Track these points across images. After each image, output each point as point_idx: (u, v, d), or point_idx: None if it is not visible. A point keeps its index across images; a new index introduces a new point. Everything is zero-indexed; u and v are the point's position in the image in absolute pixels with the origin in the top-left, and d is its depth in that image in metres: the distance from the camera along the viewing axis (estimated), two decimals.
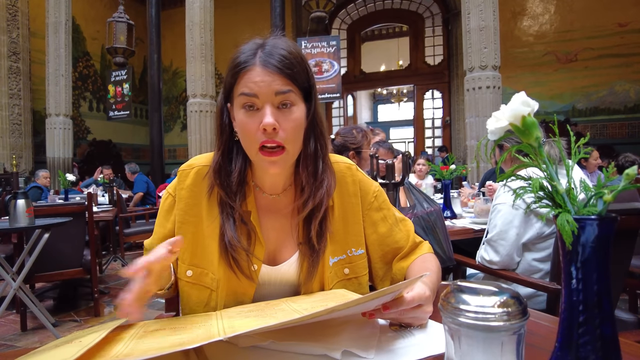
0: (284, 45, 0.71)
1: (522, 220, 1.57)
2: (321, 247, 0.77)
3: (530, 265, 1.62)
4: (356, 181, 0.85)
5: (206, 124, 6.98)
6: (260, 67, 0.68)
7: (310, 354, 0.58)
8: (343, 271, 0.81)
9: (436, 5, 10.35)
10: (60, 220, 2.55)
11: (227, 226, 0.75)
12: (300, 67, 0.71)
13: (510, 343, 0.40)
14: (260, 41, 0.73)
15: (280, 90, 0.68)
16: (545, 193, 0.45)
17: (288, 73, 0.69)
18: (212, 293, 0.77)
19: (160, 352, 0.48)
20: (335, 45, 6.45)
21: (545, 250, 1.60)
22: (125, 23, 7.93)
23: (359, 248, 0.83)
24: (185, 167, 0.82)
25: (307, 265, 0.77)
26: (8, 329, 2.76)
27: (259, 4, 9.79)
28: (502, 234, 1.59)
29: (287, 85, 0.69)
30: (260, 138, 0.69)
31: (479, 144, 0.51)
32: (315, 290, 0.80)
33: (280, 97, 0.69)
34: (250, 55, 0.70)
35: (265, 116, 0.67)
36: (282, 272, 0.79)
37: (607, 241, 0.41)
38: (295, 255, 0.79)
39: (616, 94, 8.31)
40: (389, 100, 15.34)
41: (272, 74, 0.68)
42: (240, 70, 0.70)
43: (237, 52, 0.73)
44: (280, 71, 0.68)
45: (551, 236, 1.57)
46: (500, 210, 1.62)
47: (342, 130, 2.34)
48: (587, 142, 0.46)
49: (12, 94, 7.82)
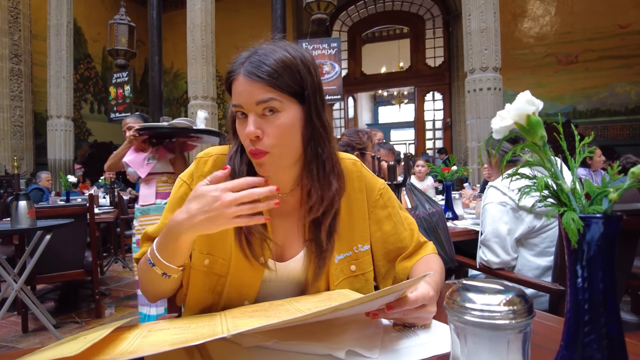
0: (272, 52, 0.71)
1: (511, 216, 1.59)
2: (329, 247, 0.78)
3: (528, 261, 1.63)
4: (362, 177, 0.86)
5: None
6: (243, 77, 0.70)
7: (314, 353, 0.58)
8: (349, 268, 0.81)
9: (437, 7, 10.36)
10: (62, 221, 2.55)
11: None
12: (289, 72, 0.70)
13: (517, 341, 0.40)
14: (254, 48, 0.74)
15: (260, 99, 0.69)
16: (550, 192, 0.45)
17: (269, 80, 0.68)
18: (220, 279, 0.78)
19: (165, 348, 0.48)
20: (336, 47, 6.45)
21: (540, 245, 1.61)
22: (127, 25, 7.93)
23: (365, 244, 0.84)
24: (202, 155, 0.83)
25: (314, 264, 0.78)
26: (9, 330, 2.76)
27: (260, 6, 9.80)
28: (494, 231, 1.61)
29: (269, 93, 0.69)
30: (249, 145, 0.71)
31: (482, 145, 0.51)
32: (321, 288, 0.80)
33: (262, 105, 0.69)
34: (238, 65, 0.72)
35: (247, 125, 0.69)
36: (289, 268, 0.80)
37: (612, 240, 0.41)
38: (302, 252, 0.80)
39: (617, 95, 8.30)
40: (390, 102, 15.35)
41: (253, 83, 0.69)
42: (230, 81, 0.73)
43: (232, 60, 0.74)
44: (260, 79, 0.68)
45: (542, 230, 1.59)
46: (488, 209, 1.64)
47: (347, 132, 2.39)
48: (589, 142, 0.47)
49: (13, 95, 7.83)
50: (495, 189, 1.64)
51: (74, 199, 4.80)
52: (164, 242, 0.68)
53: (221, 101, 10.33)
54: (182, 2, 8.19)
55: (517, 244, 1.63)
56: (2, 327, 2.80)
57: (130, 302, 3.34)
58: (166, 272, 0.69)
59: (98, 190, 5.93)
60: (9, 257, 2.94)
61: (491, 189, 1.66)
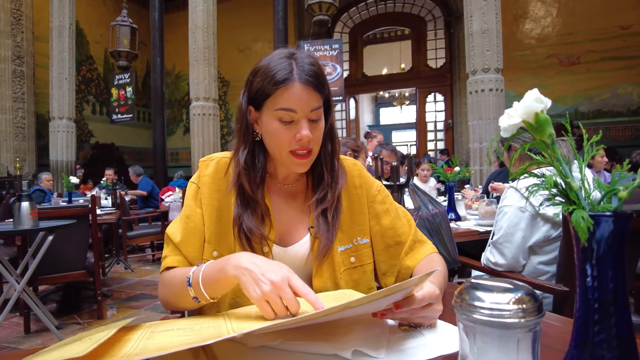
0: (312, 60, 0.78)
1: (528, 223, 1.55)
2: (333, 230, 0.83)
3: (536, 268, 1.61)
4: (362, 175, 0.93)
5: (209, 127, 6.99)
6: (300, 84, 0.74)
7: (320, 353, 0.58)
8: (349, 260, 0.86)
9: (438, 8, 10.36)
10: (64, 222, 2.55)
11: (245, 216, 0.81)
12: (325, 80, 0.79)
13: (526, 340, 0.40)
14: (288, 52, 0.78)
15: (315, 107, 0.76)
16: (558, 190, 0.44)
17: (320, 89, 0.76)
18: None
19: (171, 349, 0.47)
20: (337, 49, 6.46)
21: (551, 253, 1.59)
22: (129, 27, 7.96)
23: (364, 237, 0.89)
24: (205, 159, 0.89)
25: (319, 247, 0.82)
26: (11, 331, 2.76)
27: (262, 8, 9.82)
28: (508, 236, 1.58)
29: (319, 101, 0.77)
30: (293, 145, 0.77)
31: (490, 144, 0.51)
32: (327, 275, 0.83)
33: (314, 113, 0.76)
34: (288, 70, 0.75)
35: (302, 129, 0.75)
36: (293, 252, 0.84)
37: (622, 238, 0.40)
38: (307, 237, 0.85)
39: (619, 96, 8.28)
40: (391, 104, 15.33)
41: (309, 92, 0.75)
42: (280, 86, 0.74)
43: (268, 64, 0.76)
44: (315, 88, 0.75)
45: (557, 239, 1.56)
46: (506, 212, 1.60)
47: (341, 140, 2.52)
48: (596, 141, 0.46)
49: (16, 97, 7.85)
50: (515, 191, 1.59)
51: (76, 200, 4.81)
52: (212, 275, 0.69)
53: (223, 103, 10.35)
54: (183, 4, 8.21)
55: (529, 250, 1.60)
56: (5, 328, 2.80)
57: (132, 304, 3.34)
58: (198, 297, 0.70)
59: (100, 192, 5.94)
60: (12, 258, 2.94)
61: (511, 190, 1.61)
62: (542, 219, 1.55)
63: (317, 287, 0.82)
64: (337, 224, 0.84)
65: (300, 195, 0.88)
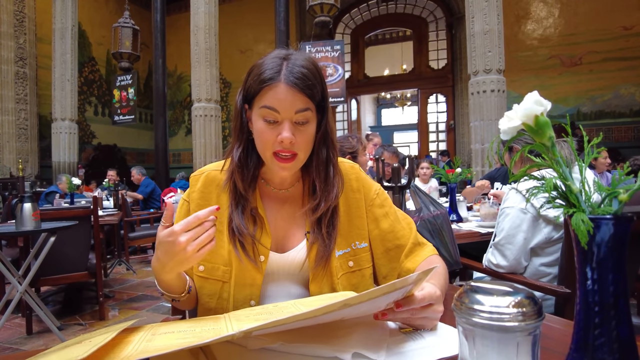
0: (305, 62, 0.76)
1: (530, 224, 1.54)
2: (330, 235, 0.83)
3: (538, 269, 1.60)
4: (359, 179, 0.92)
5: (211, 128, 7.00)
6: (285, 85, 0.73)
7: (321, 356, 0.58)
8: (348, 264, 0.85)
9: (440, 9, 10.35)
10: (66, 224, 2.56)
11: (236, 214, 0.81)
12: (318, 83, 0.77)
13: (526, 344, 0.40)
14: (283, 53, 0.77)
15: (300, 109, 0.74)
16: (558, 193, 0.44)
17: (308, 92, 0.74)
18: (225, 284, 0.82)
19: (172, 348, 0.47)
20: (339, 50, 6.47)
21: (553, 254, 1.58)
22: (131, 28, 8.00)
23: (362, 241, 0.88)
24: (196, 174, 0.90)
25: (316, 252, 0.81)
26: (14, 332, 2.77)
27: (263, 9, 9.84)
28: (510, 238, 1.57)
29: (306, 104, 0.75)
30: (276, 146, 0.76)
31: (491, 145, 0.51)
32: (325, 280, 0.83)
33: (299, 115, 0.75)
34: (276, 70, 0.74)
35: (284, 131, 0.74)
36: (290, 258, 0.84)
37: (623, 241, 0.40)
38: (303, 242, 0.84)
39: (621, 97, 8.25)
40: (393, 105, 15.33)
41: (294, 93, 0.74)
42: (265, 85, 0.75)
43: (262, 63, 0.77)
44: (301, 90, 0.74)
45: (559, 241, 1.55)
46: (508, 214, 1.59)
47: (338, 138, 2.43)
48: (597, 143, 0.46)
49: (18, 98, 7.88)
50: (516, 193, 1.58)
51: (78, 201, 4.82)
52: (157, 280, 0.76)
53: (224, 104, 10.37)
54: (185, 5, 8.24)
55: (531, 252, 1.59)
56: (7, 329, 2.80)
57: (134, 305, 3.34)
58: (174, 298, 0.78)
59: (102, 193, 5.95)
60: (14, 259, 2.94)
61: (513, 191, 1.60)
62: (544, 221, 1.54)
63: (314, 292, 0.82)
64: (333, 232, 0.83)
65: (296, 201, 0.88)
